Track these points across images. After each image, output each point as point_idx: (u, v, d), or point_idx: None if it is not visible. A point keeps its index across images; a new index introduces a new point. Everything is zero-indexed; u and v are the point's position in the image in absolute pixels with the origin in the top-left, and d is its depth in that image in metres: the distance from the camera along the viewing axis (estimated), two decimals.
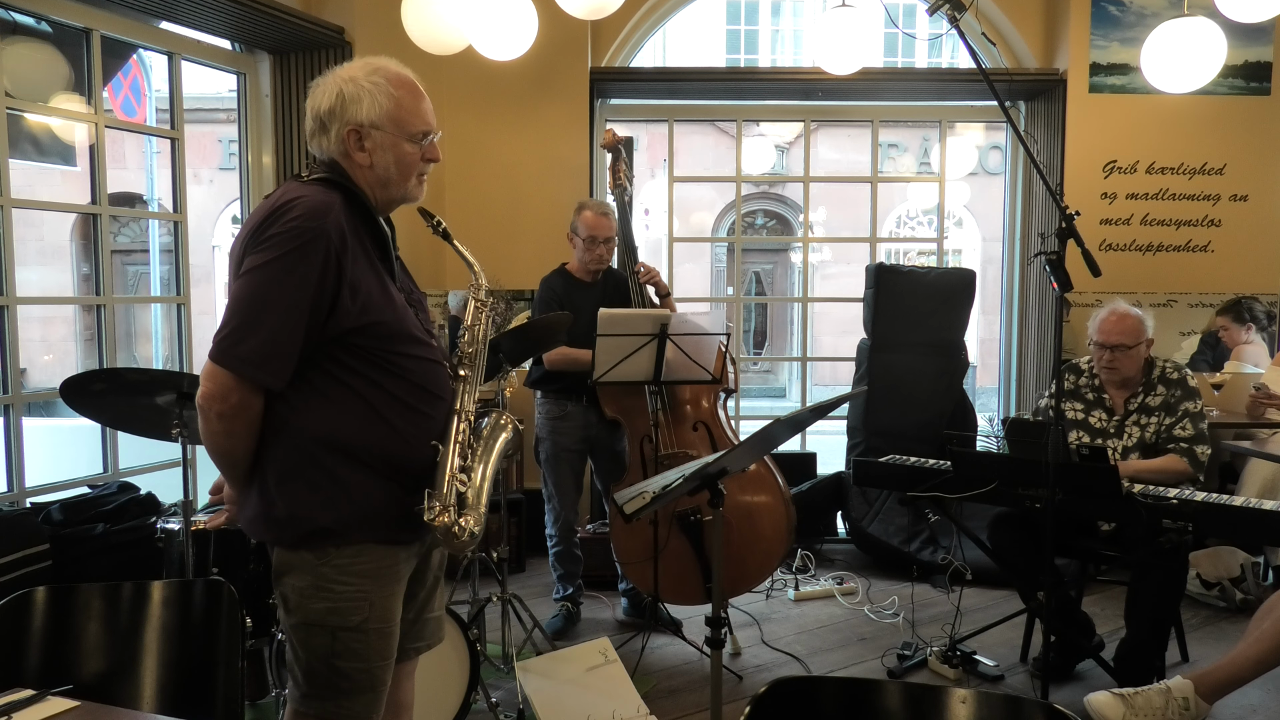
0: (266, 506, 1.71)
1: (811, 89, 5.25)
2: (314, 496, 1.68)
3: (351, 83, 1.74)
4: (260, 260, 1.61)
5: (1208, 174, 5.08)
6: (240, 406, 1.63)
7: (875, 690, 1.35)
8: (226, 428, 1.65)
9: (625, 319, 3.34)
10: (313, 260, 1.61)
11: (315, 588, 1.70)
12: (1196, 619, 3.94)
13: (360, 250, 1.70)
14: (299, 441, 1.68)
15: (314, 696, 1.75)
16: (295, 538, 1.70)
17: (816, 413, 2.32)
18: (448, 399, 1.82)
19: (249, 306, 1.61)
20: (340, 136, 1.74)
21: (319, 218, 1.63)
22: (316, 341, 1.66)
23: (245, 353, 1.60)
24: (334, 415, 1.69)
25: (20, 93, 3.64)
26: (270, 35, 4.17)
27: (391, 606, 1.77)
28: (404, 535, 1.76)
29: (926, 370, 4.89)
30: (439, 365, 1.82)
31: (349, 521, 1.69)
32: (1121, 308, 3.32)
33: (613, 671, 3.18)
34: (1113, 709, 2.68)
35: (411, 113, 1.76)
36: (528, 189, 5.02)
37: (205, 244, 14.98)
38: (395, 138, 1.75)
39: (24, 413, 3.58)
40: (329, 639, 1.71)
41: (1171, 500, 2.91)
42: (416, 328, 1.79)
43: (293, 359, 1.64)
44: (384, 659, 1.77)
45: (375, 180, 1.77)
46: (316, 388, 1.69)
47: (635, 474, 3.56)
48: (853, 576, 4.49)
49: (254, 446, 1.70)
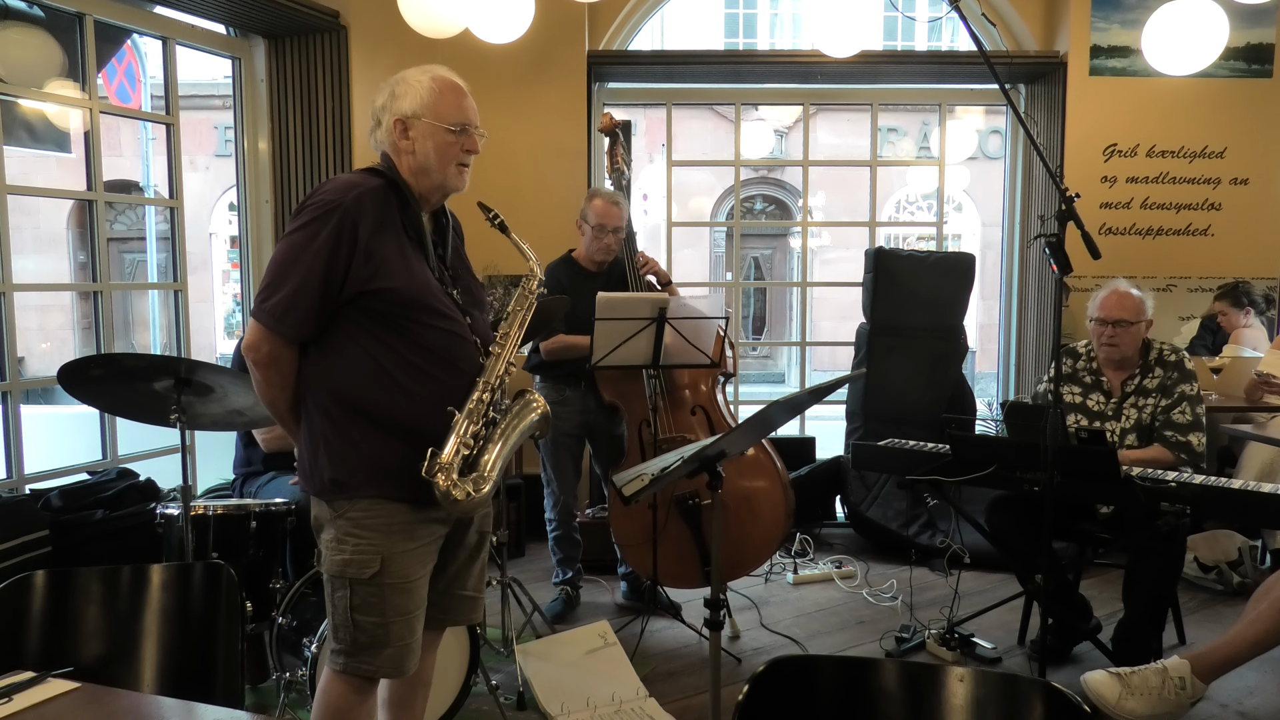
0: (304, 456, 1.91)
1: (810, 72, 5.23)
2: (330, 450, 1.85)
3: (402, 82, 1.95)
4: (292, 228, 1.84)
5: (1208, 157, 5.07)
6: (271, 356, 1.84)
7: (873, 669, 1.35)
8: (264, 376, 1.86)
9: (624, 303, 3.34)
10: (331, 227, 1.79)
11: (337, 540, 1.86)
12: (1194, 602, 3.95)
13: (389, 226, 1.86)
14: (319, 397, 1.87)
15: (340, 651, 1.88)
16: (318, 487, 1.88)
17: (815, 395, 2.32)
18: (468, 371, 1.92)
19: (277, 267, 1.83)
20: (389, 128, 1.93)
21: (343, 193, 1.82)
22: (338, 303, 1.83)
23: (270, 307, 1.80)
24: (346, 373, 1.85)
25: (13, 78, 3.61)
26: (265, 19, 4.14)
27: (407, 564, 1.87)
28: (413, 495, 1.84)
29: (925, 355, 4.89)
30: (462, 339, 1.93)
31: (357, 476, 1.84)
32: (1123, 286, 3.31)
33: (612, 654, 3.20)
34: (1109, 688, 2.69)
35: (451, 106, 1.93)
36: (525, 174, 5.00)
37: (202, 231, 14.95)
38: (435, 126, 1.91)
39: (22, 400, 3.58)
40: (347, 591, 1.85)
41: (1170, 483, 2.91)
42: (439, 301, 1.91)
43: (311, 314, 1.81)
44: (400, 615, 1.86)
45: (416, 167, 1.93)
46: (335, 348, 1.85)
47: (634, 458, 3.56)
48: (851, 560, 4.50)
49: (291, 397, 1.90)
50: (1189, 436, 3.20)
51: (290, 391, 1.89)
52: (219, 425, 2.89)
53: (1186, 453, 3.19)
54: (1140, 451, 3.23)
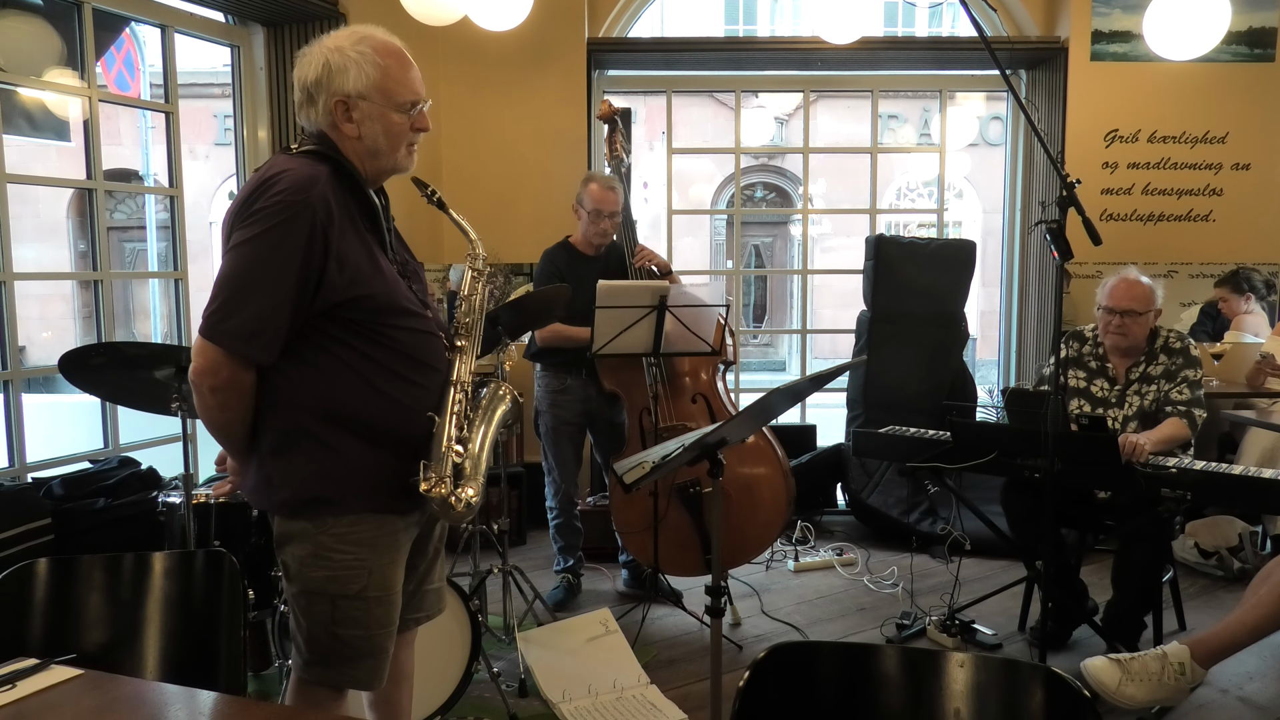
0: (265, 477, 1.73)
1: (811, 59, 5.20)
2: (309, 466, 1.69)
3: (338, 52, 1.70)
4: (247, 235, 1.60)
5: (1210, 142, 5.05)
6: (231, 381, 1.63)
7: (874, 655, 1.35)
8: (220, 401, 1.65)
9: (624, 291, 3.33)
10: (298, 234, 1.59)
11: (315, 556, 1.72)
12: (1194, 588, 3.96)
13: (349, 222, 1.69)
14: (292, 413, 1.69)
15: (316, 664, 1.77)
16: (293, 507, 1.72)
17: (815, 383, 2.32)
18: (442, 370, 1.80)
19: (236, 282, 1.61)
20: (328, 108, 1.72)
21: (304, 191, 1.61)
22: (306, 315, 1.65)
23: (233, 328, 1.60)
24: (325, 386, 1.68)
25: (12, 66, 3.60)
26: (263, 7, 4.12)
27: (391, 575, 1.78)
28: (401, 505, 1.76)
29: (926, 342, 4.89)
30: (432, 336, 1.81)
31: (345, 491, 1.70)
32: (1133, 274, 3.30)
33: (613, 642, 3.21)
34: (1109, 674, 2.69)
35: (399, 82, 1.73)
36: (525, 161, 4.99)
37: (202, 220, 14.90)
38: (383, 108, 1.72)
39: (23, 389, 3.58)
40: (329, 607, 1.73)
41: (1170, 469, 2.92)
42: (408, 299, 1.77)
43: (281, 333, 1.63)
44: (384, 626, 1.78)
45: (364, 151, 1.75)
46: (307, 360, 1.68)
47: (634, 446, 3.56)
48: (852, 547, 4.51)
49: (249, 419, 1.71)
50: (1192, 410, 3.20)
51: (249, 414, 1.69)
52: None
53: (1189, 420, 3.18)
54: (1158, 430, 3.17)
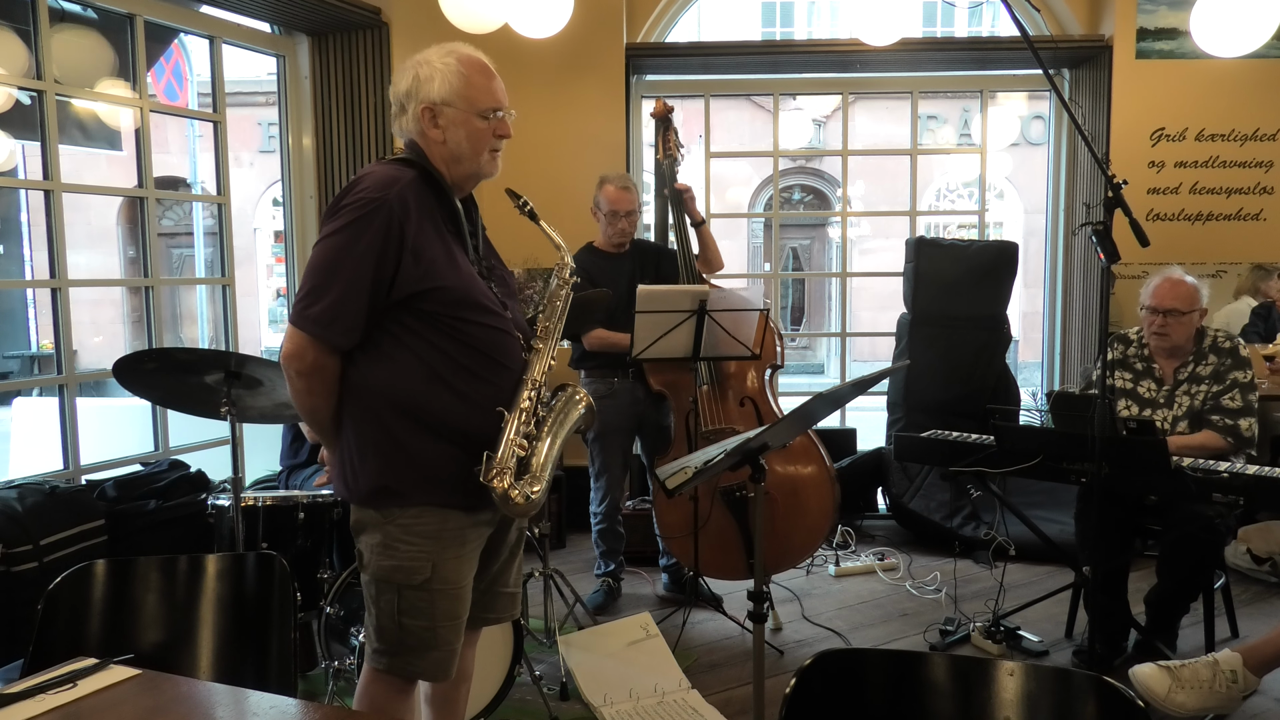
0: (344, 464, 1.85)
1: (849, 61, 5.17)
2: (378, 456, 1.79)
3: (426, 64, 1.84)
4: (331, 229, 1.74)
5: (1259, 140, 4.94)
6: (315, 365, 1.75)
7: (922, 663, 1.34)
8: (306, 385, 1.78)
9: (664, 295, 3.34)
10: (376, 227, 1.71)
11: (384, 545, 1.81)
12: (1247, 594, 3.88)
13: (429, 221, 1.79)
14: (367, 402, 1.79)
15: (384, 652, 1.84)
16: (364, 496, 1.82)
17: (857, 388, 2.31)
18: (515, 369, 1.87)
19: (319, 272, 1.74)
20: (416, 115, 1.84)
21: (384, 189, 1.74)
22: (384, 306, 1.76)
23: (316, 314, 1.72)
24: (396, 377, 1.78)
25: (67, 79, 3.70)
26: (308, 16, 4.20)
27: (458, 569, 1.84)
28: (467, 500, 1.81)
29: (968, 344, 4.84)
30: (508, 335, 1.87)
31: (409, 483, 1.79)
32: (1177, 274, 3.24)
33: (654, 646, 3.21)
34: (1159, 682, 2.64)
35: (481, 90, 1.84)
36: (564, 167, 5.01)
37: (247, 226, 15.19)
38: (466, 114, 1.83)
39: (77, 393, 3.67)
40: (395, 596, 1.80)
41: (1222, 474, 2.86)
42: (485, 297, 1.85)
43: (360, 319, 1.74)
44: (450, 620, 1.83)
45: (449, 156, 1.86)
46: (384, 351, 1.78)
47: (680, 448, 3.56)
48: (894, 552, 4.47)
49: (334, 404, 1.82)
50: (1238, 421, 3.13)
51: (334, 399, 1.81)
52: (267, 418, 2.95)
53: (1234, 436, 3.12)
54: (1189, 437, 3.16)
